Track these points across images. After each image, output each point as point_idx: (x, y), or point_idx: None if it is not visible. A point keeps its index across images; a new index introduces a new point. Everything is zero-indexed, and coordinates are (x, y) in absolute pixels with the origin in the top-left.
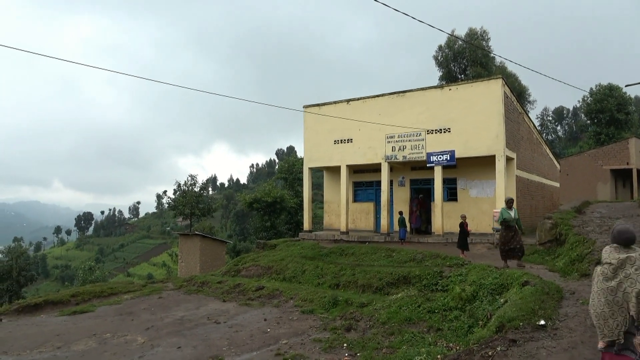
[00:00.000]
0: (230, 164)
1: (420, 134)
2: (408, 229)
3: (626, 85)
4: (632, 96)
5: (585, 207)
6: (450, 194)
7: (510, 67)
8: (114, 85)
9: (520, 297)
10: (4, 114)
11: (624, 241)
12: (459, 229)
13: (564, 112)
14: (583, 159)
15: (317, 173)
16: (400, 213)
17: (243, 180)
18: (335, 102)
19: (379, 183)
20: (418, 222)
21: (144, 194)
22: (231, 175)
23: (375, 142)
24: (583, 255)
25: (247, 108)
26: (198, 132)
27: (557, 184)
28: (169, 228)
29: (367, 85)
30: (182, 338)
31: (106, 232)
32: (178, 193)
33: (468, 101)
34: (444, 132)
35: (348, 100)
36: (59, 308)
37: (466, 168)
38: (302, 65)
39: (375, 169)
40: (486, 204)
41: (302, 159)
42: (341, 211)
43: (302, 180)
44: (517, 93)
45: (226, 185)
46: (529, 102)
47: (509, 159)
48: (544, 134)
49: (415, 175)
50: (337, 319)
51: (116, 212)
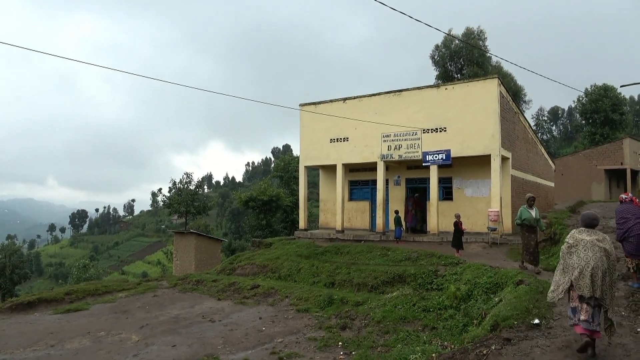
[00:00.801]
0: (226, 162)
1: (416, 133)
2: (404, 228)
3: (621, 86)
4: (627, 97)
5: (580, 207)
6: (446, 193)
7: (506, 67)
8: (110, 83)
9: (514, 296)
10: None
11: (587, 224)
12: (453, 228)
13: (559, 112)
14: (578, 159)
15: (313, 172)
16: (396, 212)
17: (239, 178)
18: (331, 101)
19: (374, 182)
20: (414, 221)
21: (139, 192)
22: (227, 174)
23: (371, 141)
24: None
25: (243, 106)
26: (194, 130)
27: (552, 184)
28: (164, 226)
29: (364, 83)
30: (177, 336)
31: (101, 230)
32: (173, 191)
33: (464, 101)
34: (440, 131)
35: (344, 99)
36: (53, 306)
37: (462, 167)
38: (299, 63)
39: (371, 167)
40: (481, 204)
41: (298, 158)
42: (337, 210)
43: (298, 178)
44: (513, 93)
45: (222, 184)
46: (525, 102)
47: (504, 159)
48: (539, 134)
49: (411, 175)
50: (332, 318)
51: (111, 210)
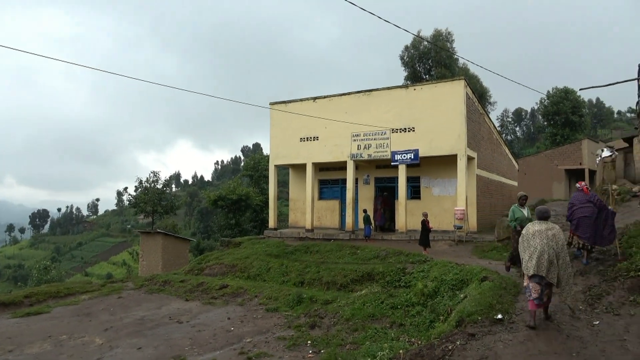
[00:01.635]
0: (194, 160)
1: (385, 133)
2: (373, 226)
3: (580, 89)
4: (586, 99)
5: (542, 205)
6: (414, 192)
7: (473, 69)
8: (72, 78)
9: (479, 292)
10: None
11: (540, 217)
12: (421, 227)
13: (523, 113)
14: (540, 159)
15: (283, 171)
16: (365, 211)
17: (207, 177)
18: (301, 100)
19: (344, 181)
20: (382, 219)
21: (104, 191)
22: (195, 172)
23: (341, 140)
24: None
25: (212, 104)
26: (161, 127)
27: (515, 183)
28: (129, 226)
29: (334, 82)
30: (142, 338)
31: (63, 230)
32: (140, 190)
33: (432, 101)
34: (409, 131)
35: (314, 98)
36: (12, 310)
37: (429, 167)
38: (269, 60)
39: (341, 167)
40: (448, 202)
41: (268, 157)
42: (307, 209)
43: (267, 177)
44: (479, 94)
45: (190, 182)
46: (490, 103)
47: (470, 159)
48: (504, 135)
49: (380, 174)
50: (302, 317)
51: (74, 210)
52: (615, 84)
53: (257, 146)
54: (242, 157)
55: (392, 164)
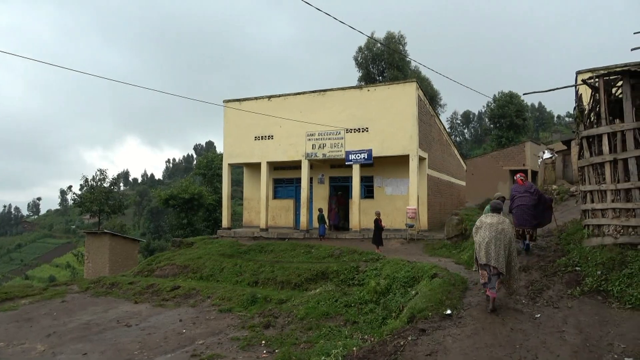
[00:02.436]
0: (144, 158)
1: (339, 133)
2: (327, 225)
3: (524, 94)
4: (529, 104)
5: (488, 204)
6: (367, 192)
7: (424, 72)
8: (7, 69)
9: (429, 288)
10: None
11: (493, 209)
12: (374, 226)
13: (471, 116)
14: (486, 160)
15: (237, 169)
16: (320, 210)
17: (158, 175)
18: (256, 98)
19: (299, 180)
20: (337, 218)
21: (46, 190)
22: (145, 171)
23: (296, 139)
24: None
25: (162, 100)
26: (107, 123)
27: (463, 183)
28: (74, 226)
29: (288, 81)
30: (88, 344)
31: (0, 231)
32: (85, 188)
33: (385, 102)
34: (363, 131)
35: (269, 97)
36: None
37: (382, 166)
38: (221, 57)
39: (296, 166)
40: (400, 201)
41: (221, 155)
42: (261, 208)
43: (221, 176)
44: (430, 97)
45: (139, 181)
46: (440, 105)
47: (421, 159)
48: (453, 136)
49: (335, 173)
50: (256, 317)
51: (12, 209)
52: (555, 90)
53: (210, 144)
54: (195, 156)
55: (347, 163)
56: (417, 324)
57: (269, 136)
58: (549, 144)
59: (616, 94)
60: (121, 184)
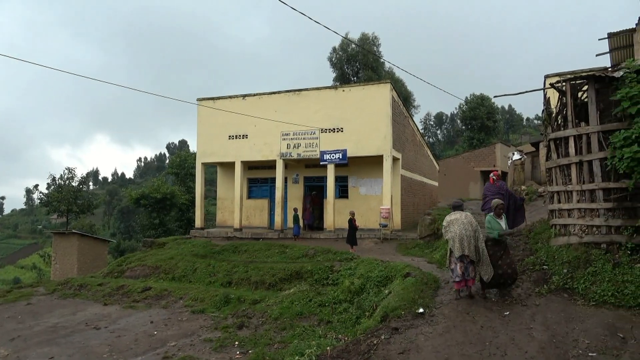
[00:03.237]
0: (115, 157)
1: (314, 133)
2: (301, 225)
3: (494, 96)
4: (500, 106)
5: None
6: (342, 192)
7: (398, 73)
8: None
9: (402, 287)
10: None
11: (454, 207)
12: (348, 225)
13: (444, 117)
14: (458, 161)
15: (211, 169)
16: (295, 210)
17: (129, 174)
18: (230, 97)
19: (273, 180)
20: (311, 218)
21: (10, 188)
22: (115, 169)
23: (270, 138)
24: None
25: (133, 97)
26: (76, 121)
27: (436, 183)
28: (40, 226)
29: (264, 80)
30: (55, 347)
31: None
32: (53, 187)
33: (360, 103)
34: (337, 131)
35: (244, 96)
36: None
37: (357, 167)
38: (195, 55)
39: (270, 165)
40: (374, 201)
41: (195, 154)
42: (235, 208)
43: (194, 175)
44: (404, 98)
45: (110, 180)
46: (414, 106)
47: (395, 159)
48: (426, 137)
49: (309, 173)
50: (229, 317)
51: None
52: (524, 93)
53: (183, 143)
54: (168, 154)
55: (321, 163)
56: (390, 322)
57: (243, 135)
58: (518, 146)
59: (582, 98)
60: (90, 183)
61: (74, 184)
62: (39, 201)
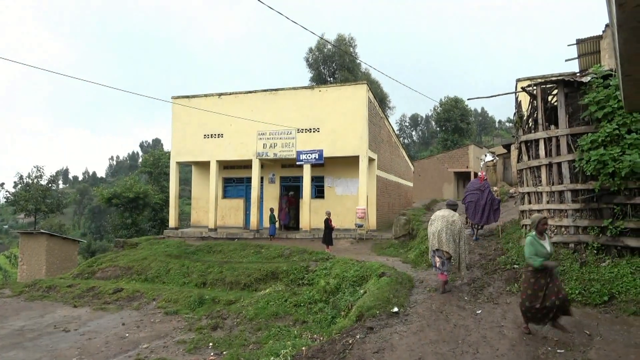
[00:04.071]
0: (85, 155)
1: (291, 132)
2: (277, 225)
3: (468, 99)
4: (473, 109)
5: (434, 205)
6: (318, 192)
7: (374, 75)
8: None
9: (377, 287)
10: None
11: (448, 205)
12: (324, 225)
13: (419, 119)
14: (432, 162)
15: (186, 168)
16: (271, 210)
17: (101, 173)
18: (206, 95)
19: (249, 179)
20: (287, 218)
21: None
22: (86, 168)
23: (246, 138)
24: None
25: (105, 94)
26: (45, 118)
27: (411, 184)
28: (6, 226)
29: (238, 80)
30: (22, 351)
31: None
32: (20, 186)
33: (336, 103)
34: (314, 131)
35: (220, 94)
36: None
37: (333, 167)
38: (168, 52)
39: (246, 165)
40: (350, 202)
41: (169, 153)
42: (210, 207)
43: (168, 174)
44: (379, 99)
45: (80, 179)
46: (389, 107)
47: (371, 160)
48: (401, 138)
49: (286, 173)
50: (203, 319)
51: None
52: (497, 96)
53: (157, 142)
54: (141, 153)
55: (298, 163)
56: (365, 322)
57: (218, 134)
58: (490, 147)
59: (552, 102)
60: (60, 182)
61: (42, 182)
62: (5, 200)
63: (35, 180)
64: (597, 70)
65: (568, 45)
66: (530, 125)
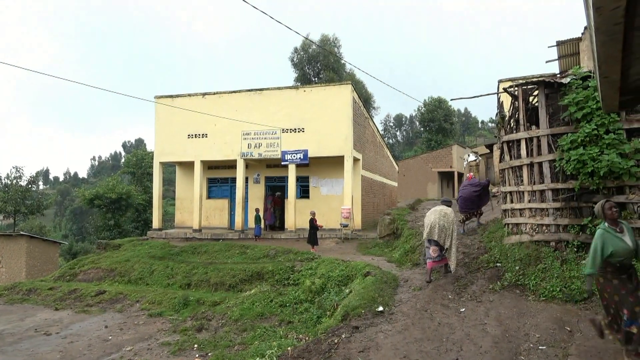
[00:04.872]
0: (67, 155)
1: (275, 132)
2: (262, 225)
3: (451, 99)
4: (456, 109)
5: (418, 205)
6: (303, 192)
7: (359, 75)
8: None
9: (362, 286)
10: None
11: (442, 202)
12: (309, 225)
13: (403, 119)
14: (417, 162)
15: (169, 168)
16: (257, 210)
17: (82, 174)
18: (190, 95)
19: (234, 180)
20: (272, 218)
21: None
22: (68, 169)
23: (231, 138)
24: (415, 247)
25: (87, 93)
26: (24, 117)
27: (395, 184)
28: None
29: (222, 79)
30: (1, 355)
31: None
32: None
33: (321, 103)
34: (299, 131)
35: (204, 94)
36: None
37: (318, 167)
38: (151, 51)
39: (231, 165)
40: (335, 201)
41: (152, 153)
42: (194, 208)
43: (152, 175)
44: (364, 99)
45: (61, 179)
46: (374, 108)
47: (355, 160)
48: (386, 138)
49: (271, 173)
50: (188, 320)
51: None
52: (479, 97)
53: (140, 142)
54: (123, 153)
55: (283, 163)
56: (350, 321)
57: (203, 134)
58: (473, 147)
59: (533, 102)
60: (40, 183)
61: (22, 183)
62: None
63: (15, 181)
64: (576, 71)
65: (548, 47)
66: (512, 125)
